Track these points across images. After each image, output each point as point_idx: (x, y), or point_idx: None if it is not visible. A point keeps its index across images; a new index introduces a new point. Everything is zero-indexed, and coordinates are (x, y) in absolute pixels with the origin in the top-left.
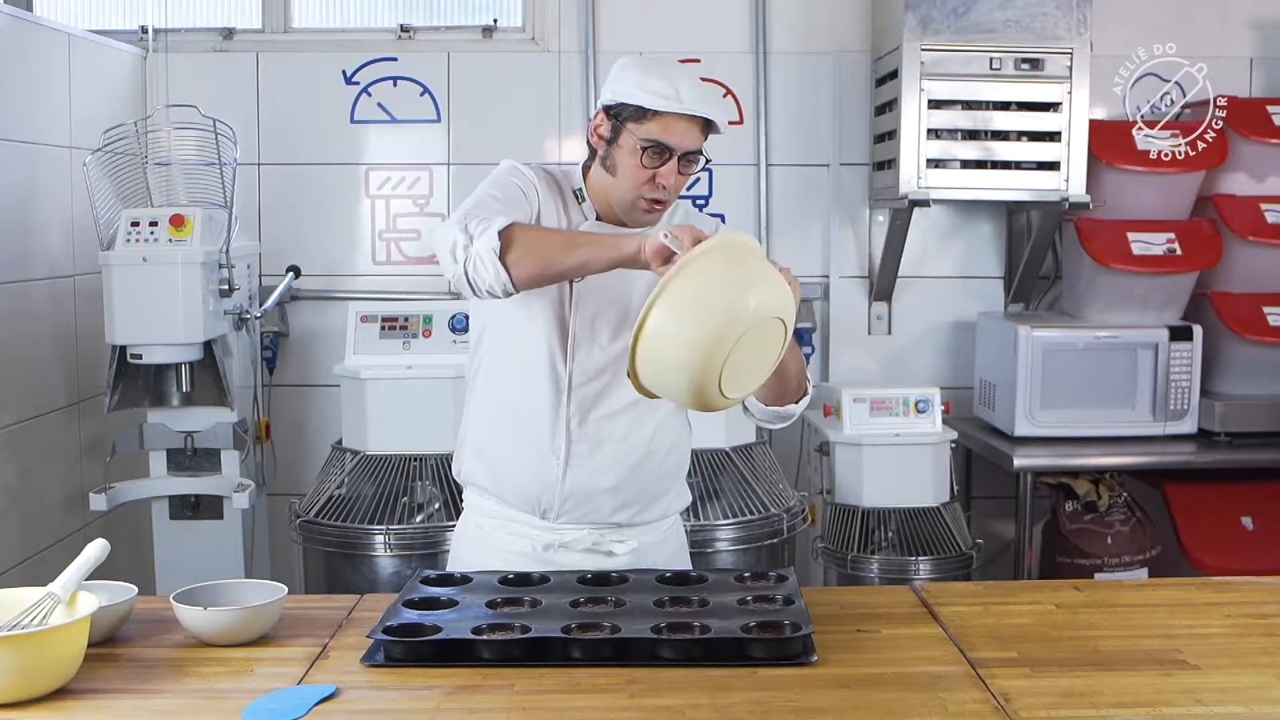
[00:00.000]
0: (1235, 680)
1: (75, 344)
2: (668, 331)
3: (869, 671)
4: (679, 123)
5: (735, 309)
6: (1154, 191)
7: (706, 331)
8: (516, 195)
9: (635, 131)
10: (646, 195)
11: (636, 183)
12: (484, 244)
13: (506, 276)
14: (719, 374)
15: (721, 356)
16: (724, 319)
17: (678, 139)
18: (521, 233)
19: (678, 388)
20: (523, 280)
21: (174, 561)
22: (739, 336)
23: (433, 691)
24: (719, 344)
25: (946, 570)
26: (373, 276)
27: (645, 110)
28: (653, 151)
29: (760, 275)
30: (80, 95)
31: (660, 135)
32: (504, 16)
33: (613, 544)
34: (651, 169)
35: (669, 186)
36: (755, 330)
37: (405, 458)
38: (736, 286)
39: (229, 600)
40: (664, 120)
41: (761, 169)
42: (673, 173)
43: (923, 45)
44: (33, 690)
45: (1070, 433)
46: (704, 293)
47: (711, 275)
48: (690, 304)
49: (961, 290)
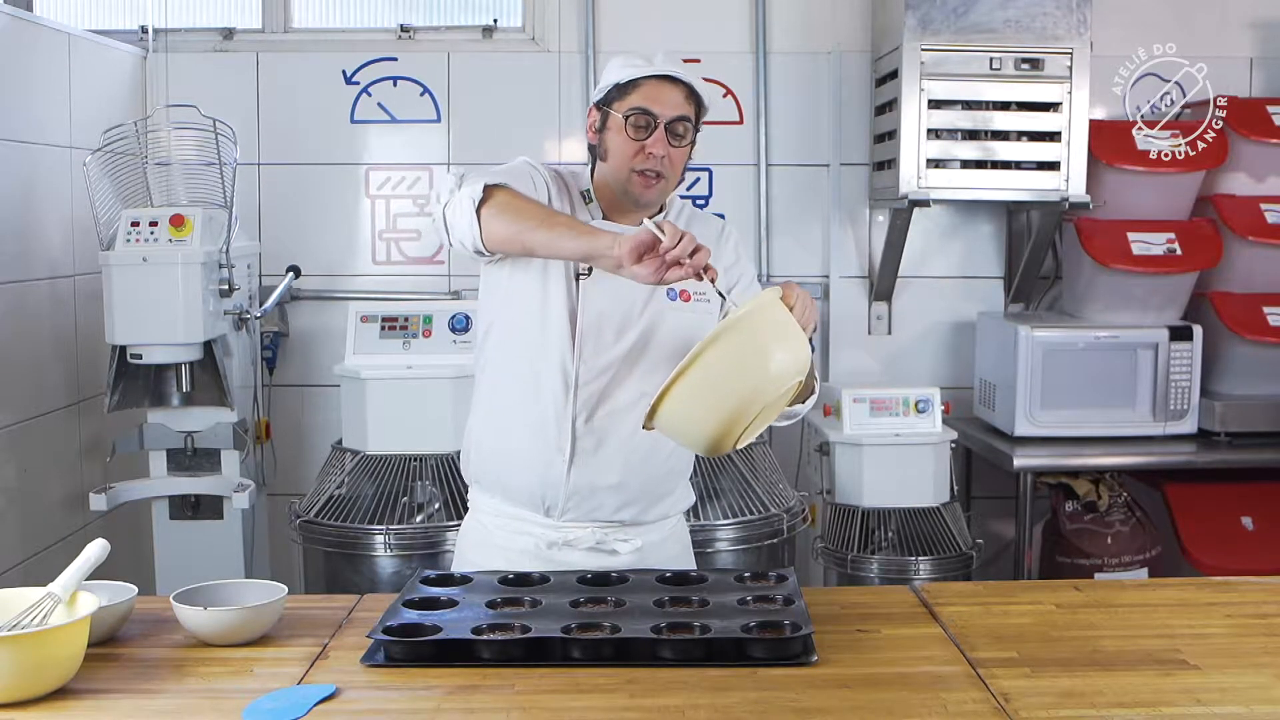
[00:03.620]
0: (1235, 680)
1: (75, 344)
2: (699, 396)
3: (869, 671)
4: (658, 88)
5: (768, 381)
6: (1154, 191)
7: (737, 402)
8: (526, 177)
9: (619, 109)
10: (638, 167)
11: (627, 156)
12: (467, 192)
13: (479, 229)
14: (737, 437)
15: (746, 422)
16: (755, 390)
17: (661, 105)
18: (507, 194)
19: (695, 441)
20: (492, 238)
21: (174, 561)
22: (761, 409)
23: (433, 691)
24: (747, 410)
25: (946, 570)
26: (373, 276)
27: (624, 85)
28: (637, 120)
29: (785, 340)
30: (80, 95)
31: (642, 102)
32: (504, 16)
33: (616, 543)
34: (639, 140)
35: (658, 155)
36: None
37: (405, 458)
38: (769, 358)
39: (229, 600)
40: (643, 88)
41: (761, 169)
42: (661, 141)
43: (923, 45)
44: (33, 690)
45: (1070, 433)
46: (730, 375)
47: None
48: (718, 383)
49: (961, 290)
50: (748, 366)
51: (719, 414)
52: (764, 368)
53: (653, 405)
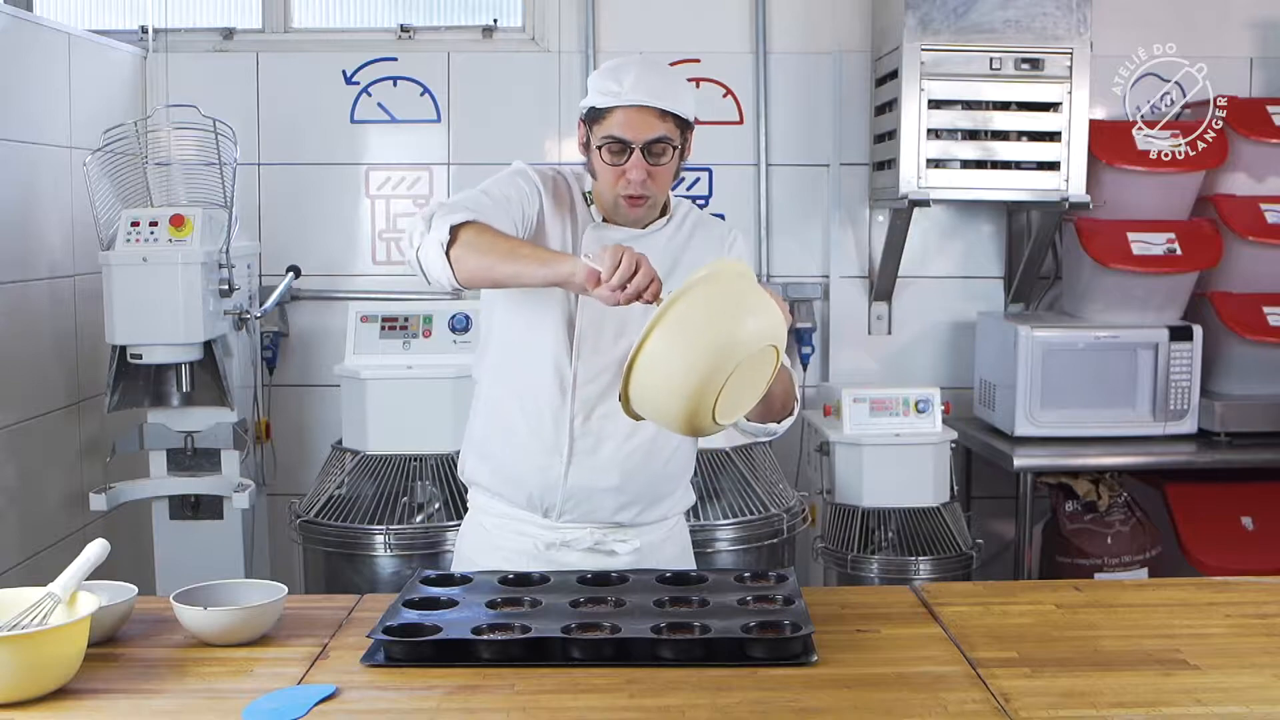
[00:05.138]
0: (1235, 680)
1: (75, 344)
2: (663, 362)
3: (869, 671)
4: (627, 115)
5: (731, 340)
6: (1154, 191)
7: (702, 363)
8: (508, 196)
9: (597, 132)
10: (621, 192)
11: (610, 181)
12: (434, 237)
13: (451, 271)
14: (713, 403)
15: (716, 387)
16: (720, 351)
17: (634, 131)
18: (474, 233)
19: (670, 415)
20: (465, 278)
21: (174, 561)
22: (734, 367)
23: (433, 691)
24: (714, 375)
25: (946, 570)
26: (373, 276)
27: (598, 110)
28: (612, 147)
29: (755, 303)
30: (80, 95)
31: (615, 130)
32: (504, 16)
33: (615, 544)
34: (617, 165)
35: (635, 180)
36: (749, 359)
37: (405, 458)
38: (732, 317)
39: (229, 600)
40: (613, 116)
41: (761, 169)
42: (638, 166)
43: (923, 45)
44: (33, 690)
45: (1070, 433)
46: (700, 324)
47: (707, 305)
48: (686, 335)
49: (961, 290)
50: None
51: (692, 372)
52: (738, 315)
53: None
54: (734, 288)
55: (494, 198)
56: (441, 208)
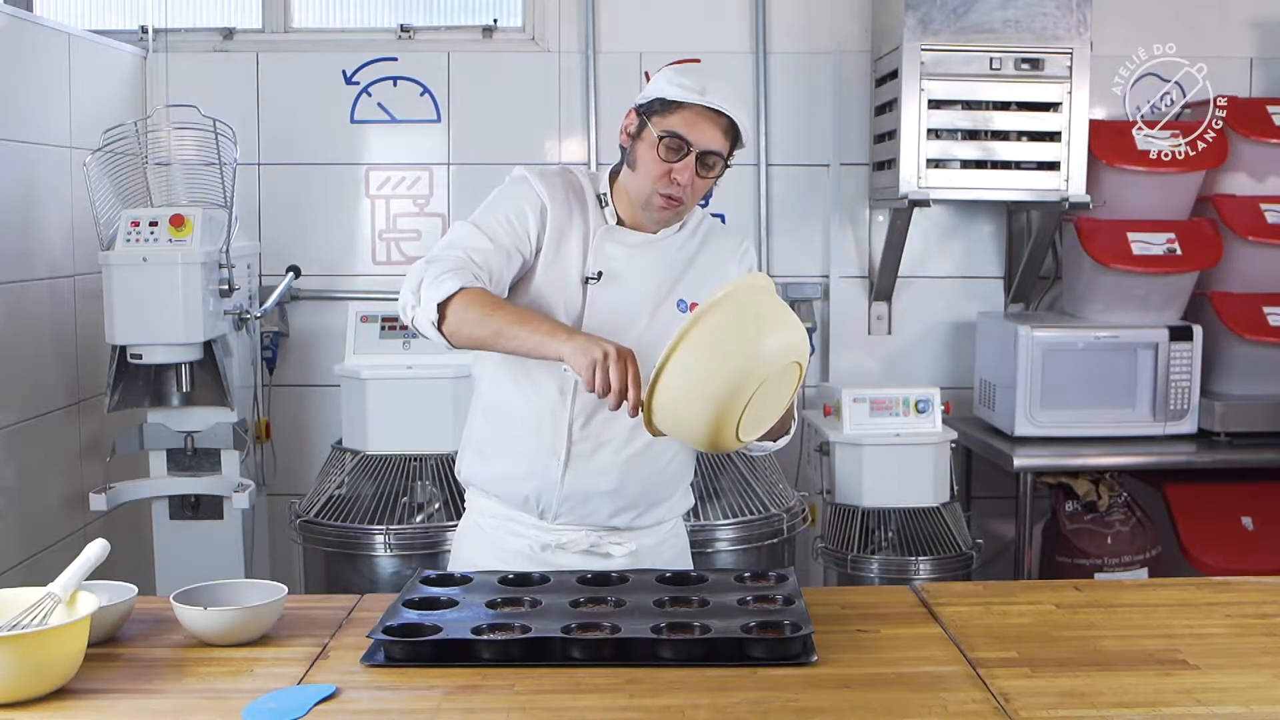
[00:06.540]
0: (1235, 680)
1: (75, 344)
2: (688, 379)
3: (869, 671)
4: (700, 118)
5: (758, 357)
6: (1154, 191)
7: (729, 381)
8: (504, 222)
9: (658, 125)
10: (661, 190)
11: (654, 176)
12: (423, 314)
13: (445, 343)
14: (738, 420)
15: (741, 404)
16: (746, 369)
17: (697, 135)
18: (463, 307)
19: (694, 432)
20: (461, 346)
21: (174, 561)
22: (759, 384)
23: (433, 691)
24: (739, 393)
25: (946, 570)
26: (373, 276)
27: (669, 103)
28: (671, 143)
29: (780, 319)
30: (80, 95)
31: (680, 128)
32: (504, 16)
33: (610, 546)
34: (669, 162)
35: (684, 184)
36: (774, 376)
37: (405, 458)
38: (758, 334)
39: (229, 600)
40: (686, 114)
41: (761, 169)
42: (688, 169)
43: (923, 45)
44: (33, 690)
45: (1070, 433)
46: (727, 341)
47: (734, 322)
48: (714, 352)
49: (961, 290)
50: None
51: (718, 390)
52: (764, 332)
53: (648, 392)
54: (757, 303)
55: (488, 232)
56: (430, 268)
